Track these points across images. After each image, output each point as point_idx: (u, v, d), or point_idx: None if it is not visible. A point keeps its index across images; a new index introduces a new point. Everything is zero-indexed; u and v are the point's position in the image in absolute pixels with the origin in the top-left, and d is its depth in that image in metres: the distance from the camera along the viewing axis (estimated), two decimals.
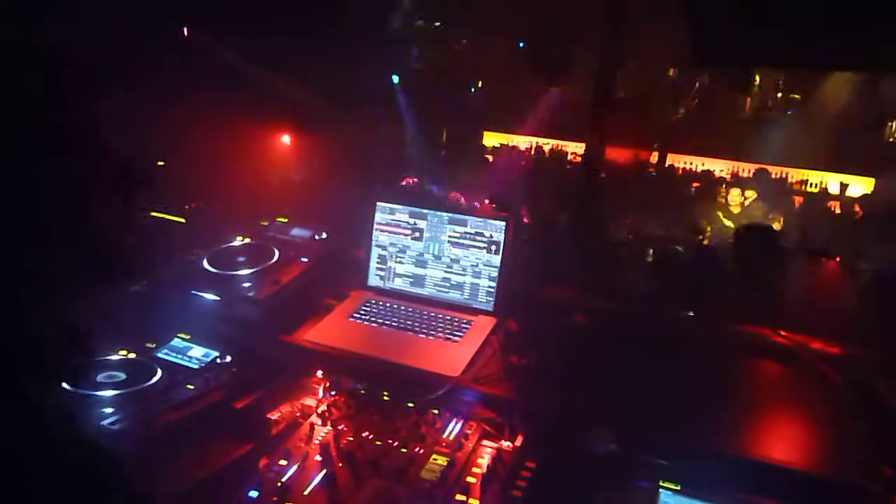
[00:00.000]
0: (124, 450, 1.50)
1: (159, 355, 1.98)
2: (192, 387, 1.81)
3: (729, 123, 8.97)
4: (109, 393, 1.71)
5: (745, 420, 1.73)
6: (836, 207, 8.90)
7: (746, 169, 9.97)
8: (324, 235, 2.53)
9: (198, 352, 2.02)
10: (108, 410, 1.64)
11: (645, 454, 1.60)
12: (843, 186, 9.40)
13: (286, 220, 2.62)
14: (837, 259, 3.38)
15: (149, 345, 2.02)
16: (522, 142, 11.87)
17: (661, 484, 1.53)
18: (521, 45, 7.81)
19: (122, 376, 1.81)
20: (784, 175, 9.79)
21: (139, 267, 1.84)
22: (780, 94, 8.48)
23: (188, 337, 2.08)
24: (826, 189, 9.62)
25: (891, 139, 8.46)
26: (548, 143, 11.50)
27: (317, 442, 1.69)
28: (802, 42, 2.03)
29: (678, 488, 1.51)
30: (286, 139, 5.37)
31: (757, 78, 8.34)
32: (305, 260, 2.37)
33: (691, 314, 2.40)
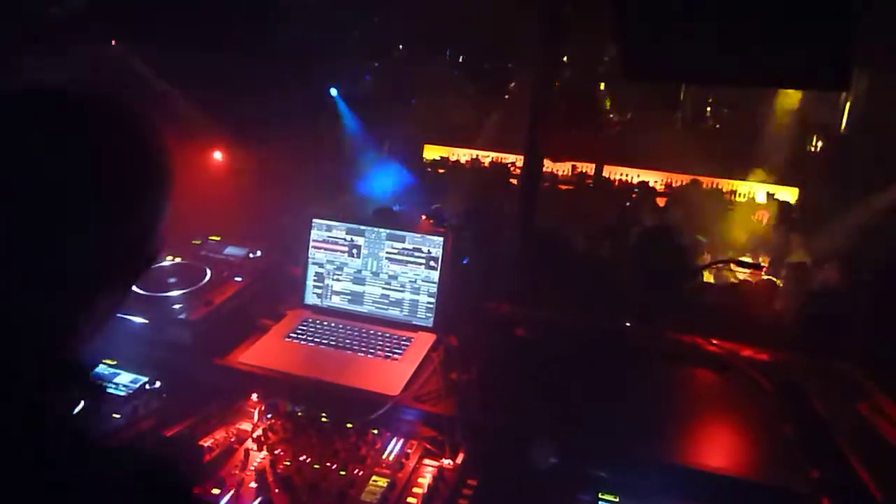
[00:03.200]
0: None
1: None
2: (118, 416, 1.73)
3: (662, 136, 9.25)
4: None
5: (680, 429, 1.77)
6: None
7: (679, 180, 10.31)
8: (258, 254, 2.47)
9: (125, 378, 1.94)
10: None
11: (584, 466, 1.61)
12: (770, 195, 9.81)
13: (219, 239, 2.55)
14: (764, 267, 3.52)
15: None
16: (463, 154, 11.95)
17: (600, 496, 1.54)
18: (461, 58, 7.88)
19: None
20: (716, 185, 10.16)
21: None
22: (708, 109, 8.81)
23: (114, 363, 1.99)
24: (753, 198, 10.03)
25: (813, 150, 8.91)
26: (488, 156, 11.61)
27: (252, 468, 1.63)
28: (729, 59, 2.11)
29: (616, 500, 1.53)
30: (218, 155, 5.24)
31: (682, 94, 8.66)
32: (239, 279, 2.31)
33: (628, 324, 2.45)
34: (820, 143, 8.99)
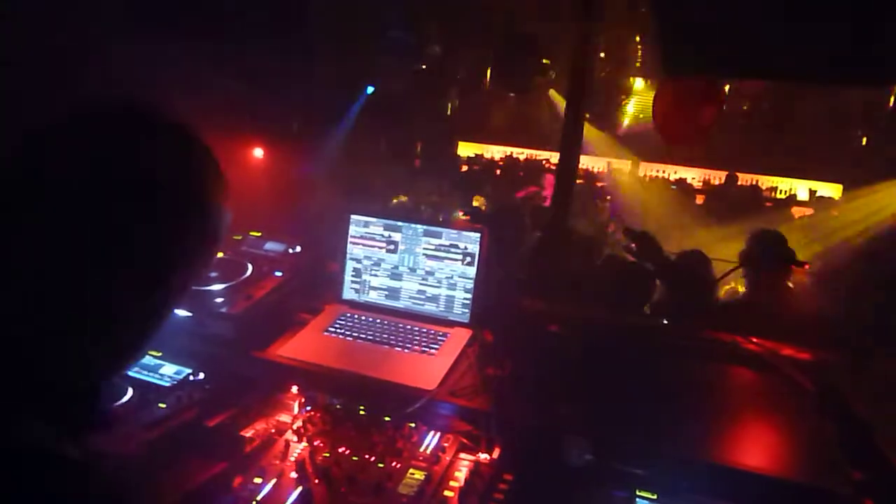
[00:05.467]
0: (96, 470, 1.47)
1: (130, 374, 1.95)
2: (164, 405, 1.78)
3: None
4: None
5: (718, 427, 1.75)
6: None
7: (717, 176, 10.15)
8: (298, 249, 2.51)
9: (169, 369, 1.99)
10: None
11: (621, 463, 1.60)
12: (812, 193, 9.59)
13: (259, 234, 2.60)
14: (806, 266, 3.45)
15: None
16: (497, 151, 11.95)
17: (637, 493, 1.54)
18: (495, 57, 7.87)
19: None
20: (755, 182, 9.96)
21: None
22: (745, 107, 8.65)
23: (159, 354, 2.04)
24: (794, 195, 9.81)
25: (861, 144, 8.69)
26: (523, 153, 11.59)
27: (292, 459, 1.67)
28: (768, 54, 2.08)
29: (654, 497, 1.52)
30: (259, 152, 5.32)
31: (726, 88, 8.49)
32: (279, 274, 2.35)
33: (665, 321, 2.43)
34: (865, 139, 8.77)
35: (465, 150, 11.95)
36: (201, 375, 1.96)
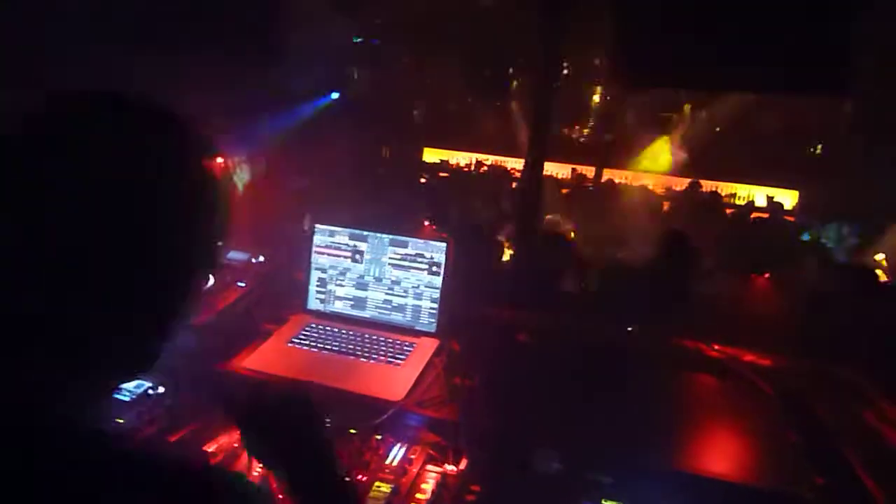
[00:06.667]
0: None
1: None
2: (122, 420, 1.73)
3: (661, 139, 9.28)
4: None
5: (684, 434, 1.77)
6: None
7: (679, 183, 10.33)
8: (261, 259, 2.47)
9: (129, 384, 1.93)
10: None
11: (588, 472, 1.61)
12: (770, 199, 9.83)
13: (222, 244, 2.55)
14: (766, 275, 3.52)
15: None
16: (463, 158, 11.98)
17: (603, 502, 1.54)
18: (461, 64, 7.90)
19: None
20: (716, 189, 10.18)
21: None
22: (704, 113, 8.83)
23: None
24: (752, 202, 10.05)
25: (813, 151, 8.94)
26: (488, 159, 11.63)
27: (256, 473, 1.63)
28: (732, 66, 2.12)
29: None
30: (219, 160, 5.22)
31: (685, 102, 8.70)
32: (242, 284, 2.31)
33: (630, 329, 2.45)
34: (819, 146, 9.03)
35: (431, 156, 11.95)
36: (161, 389, 1.90)
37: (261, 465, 1.64)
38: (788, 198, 9.75)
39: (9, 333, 0.78)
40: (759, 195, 10.05)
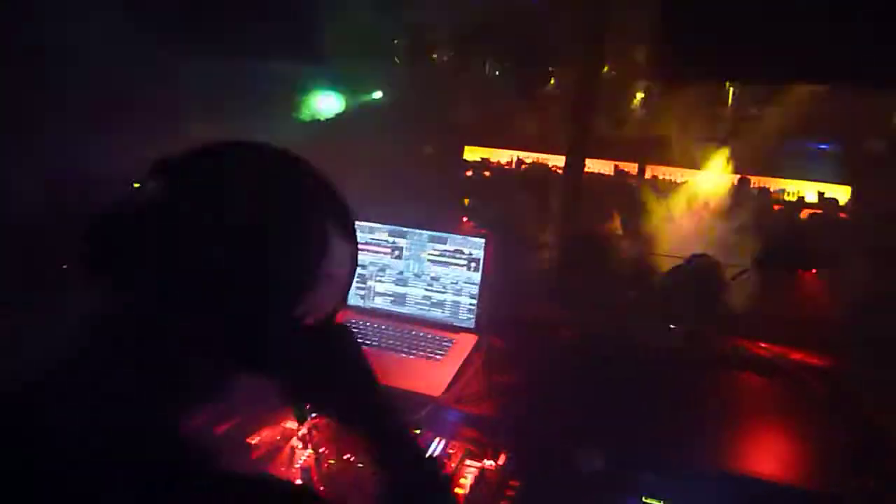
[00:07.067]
0: None
1: None
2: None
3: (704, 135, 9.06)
4: None
5: (729, 434, 1.73)
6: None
7: (727, 180, 10.09)
8: None
9: None
10: None
11: (630, 471, 1.59)
12: (821, 195, 9.54)
13: None
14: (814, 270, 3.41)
15: None
16: (504, 156, 11.94)
17: (645, 501, 1.52)
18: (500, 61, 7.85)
19: None
20: (763, 185, 9.94)
21: None
22: (754, 109, 8.58)
23: None
24: (802, 198, 9.77)
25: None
26: (529, 157, 11.56)
27: (298, 466, 1.66)
28: (777, 56, 2.07)
29: None
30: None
31: (731, 91, 8.45)
32: None
33: (672, 326, 2.41)
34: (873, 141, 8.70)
35: (471, 154, 11.94)
36: None
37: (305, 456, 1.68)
38: (841, 194, 9.44)
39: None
40: (809, 191, 9.77)
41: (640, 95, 8.94)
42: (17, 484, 0.74)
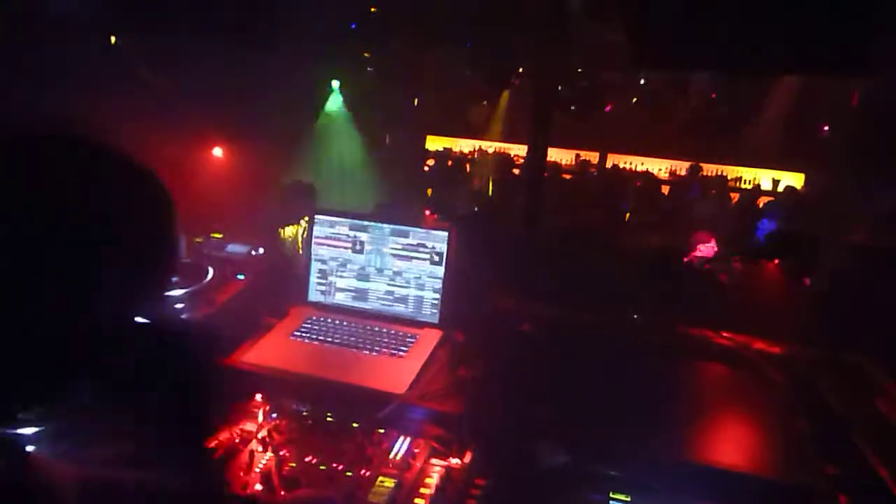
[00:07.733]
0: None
1: None
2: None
3: (665, 123, 9.18)
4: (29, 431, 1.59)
5: (692, 425, 1.73)
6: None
7: (683, 167, 10.26)
8: (261, 251, 2.44)
9: None
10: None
11: (595, 465, 1.58)
12: (775, 182, 9.75)
13: (221, 236, 2.52)
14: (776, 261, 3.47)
15: None
16: (466, 145, 11.92)
17: (611, 496, 1.51)
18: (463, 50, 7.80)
19: None
20: (721, 173, 10.10)
21: None
22: (714, 95, 8.71)
23: None
24: (759, 185, 9.97)
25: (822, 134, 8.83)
26: (491, 146, 11.56)
27: (257, 469, 1.61)
28: (745, 46, 2.07)
29: (629, 499, 1.50)
30: (217, 151, 5.18)
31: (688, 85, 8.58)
32: (242, 277, 2.28)
33: (636, 317, 2.41)
34: (827, 128, 8.92)
35: (433, 144, 11.89)
36: None
37: (266, 460, 1.63)
38: (794, 181, 9.66)
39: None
40: (764, 179, 9.98)
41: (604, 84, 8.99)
42: None
